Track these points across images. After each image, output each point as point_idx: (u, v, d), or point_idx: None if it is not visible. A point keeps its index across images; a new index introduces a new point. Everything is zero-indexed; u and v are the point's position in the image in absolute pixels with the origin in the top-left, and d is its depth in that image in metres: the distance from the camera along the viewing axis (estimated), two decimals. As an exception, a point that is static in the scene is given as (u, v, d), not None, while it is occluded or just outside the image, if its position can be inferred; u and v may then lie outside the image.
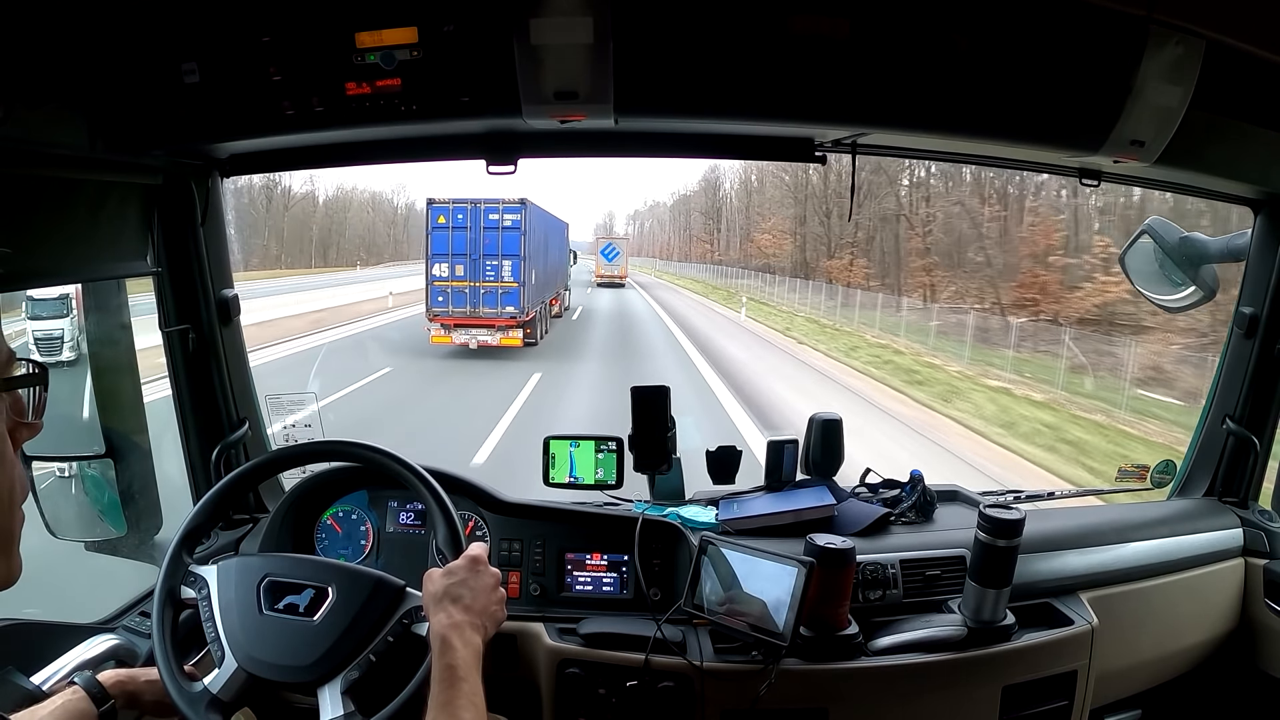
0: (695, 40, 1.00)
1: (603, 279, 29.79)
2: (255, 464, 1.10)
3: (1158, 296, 1.54)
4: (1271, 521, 1.58)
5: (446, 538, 0.99)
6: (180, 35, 1.00)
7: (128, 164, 1.14)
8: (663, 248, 71.58)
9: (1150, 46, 1.02)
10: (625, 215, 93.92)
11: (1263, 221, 1.50)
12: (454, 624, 0.85)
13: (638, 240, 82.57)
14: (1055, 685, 1.29)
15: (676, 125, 1.23)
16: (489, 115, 1.06)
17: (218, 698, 0.89)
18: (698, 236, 55.39)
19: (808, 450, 1.52)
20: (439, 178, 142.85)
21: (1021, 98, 1.06)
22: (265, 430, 1.55)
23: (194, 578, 0.98)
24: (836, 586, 1.19)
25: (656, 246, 74.77)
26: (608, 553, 1.36)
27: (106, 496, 1.32)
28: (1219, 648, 1.54)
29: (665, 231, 72.83)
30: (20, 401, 0.55)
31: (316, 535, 1.39)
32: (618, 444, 1.46)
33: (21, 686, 0.93)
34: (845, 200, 32.22)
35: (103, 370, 1.31)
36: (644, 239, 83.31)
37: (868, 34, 1.00)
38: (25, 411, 0.55)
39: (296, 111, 1.03)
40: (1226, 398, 1.61)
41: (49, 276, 1.09)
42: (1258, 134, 1.23)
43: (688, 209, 61.13)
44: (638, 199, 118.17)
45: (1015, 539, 1.19)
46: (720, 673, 1.18)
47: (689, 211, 60.50)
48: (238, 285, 1.43)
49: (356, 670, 0.89)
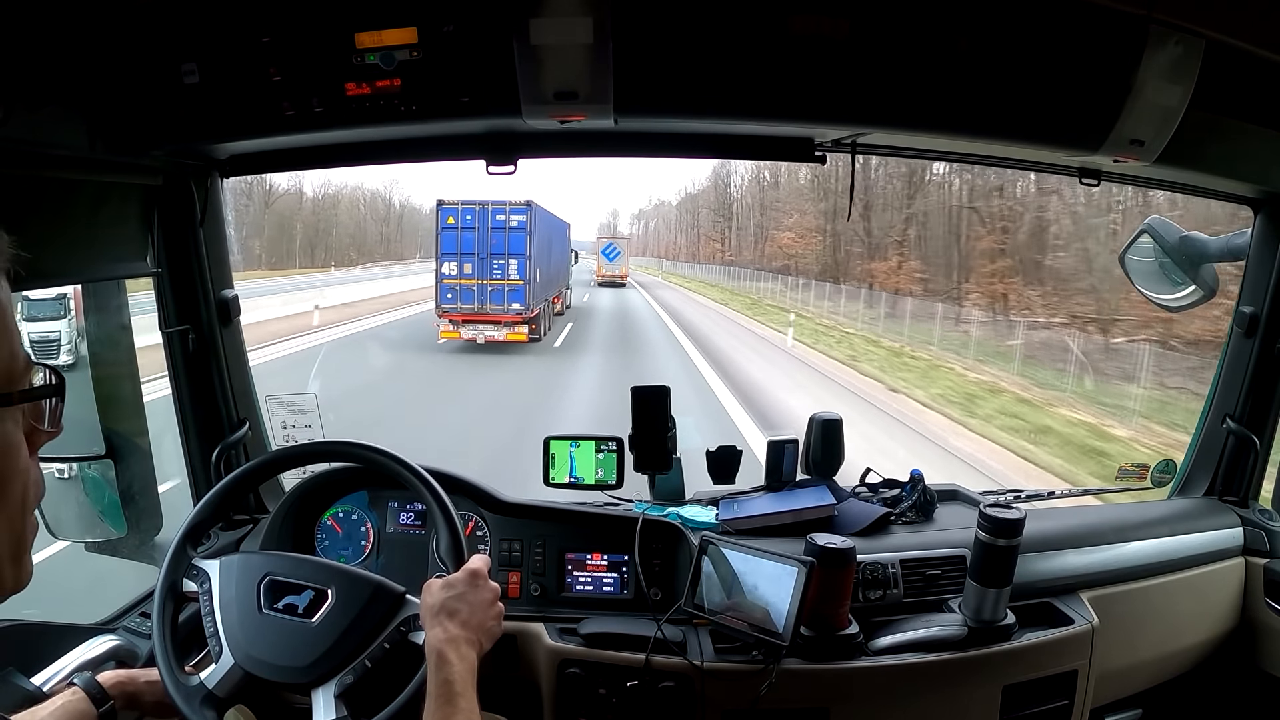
0: (695, 40, 1.01)
1: (604, 278, 31.04)
2: (257, 463, 1.10)
3: (1158, 296, 1.54)
4: (1272, 521, 1.58)
5: (449, 547, 0.98)
6: (180, 35, 1.00)
7: (128, 164, 1.14)
8: (669, 247, 69.48)
9: (1150, 46, 1.02)
10: (630, 214, 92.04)
11: (1263, 221, 1.50)
12: (450, 639, 0.84)
13: (642, 240, 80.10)
14: (1055, 685, 1.29)
15: (676, 125, 1.23)
16: (489, 115, 1.06)
17: (213, 693, 0.89)
18: (707, 235, 52.72)
19: (808, 450, 1.52)
20: (432, 174, 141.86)
21: (1021, 97, 1.06)
22: (265, 430, 1.55)
23: (196, 571, 0.98)
24: (837, 586, 1.19)
25: (662, 246, 72.60)
26: (608, 553, 1.36)
27: (106, 497, 1.32)
28: (1219, 647, 1.54)
29: (671, 231, 70.66)
30: (39, 408, 0.55)
31: (317, 535, 1.39)
32: (618, 444, 1.46)
33: (21, 687, 0.93)
34: (887, 190, 26.86)
35: (103, 371, 1.31)
36: (649, 239, 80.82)
37: (868, 34, 1.00)
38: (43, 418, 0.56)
39: (296, 112, 1.03)
40: (1226, 397, 1.61)
41: (49, 277, 1.10)
42: (1257, 134, 1.23)
43: (695, 207, 59.11)
44: (642, 198, 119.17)
45: (1015, 539, 1.19)
46: (721, 673, 1.18)
47: (696, 210, 58.34)
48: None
49: (351, 675, 0.89)
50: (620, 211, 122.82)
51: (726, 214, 48.53)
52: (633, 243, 66.66)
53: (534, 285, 11.87)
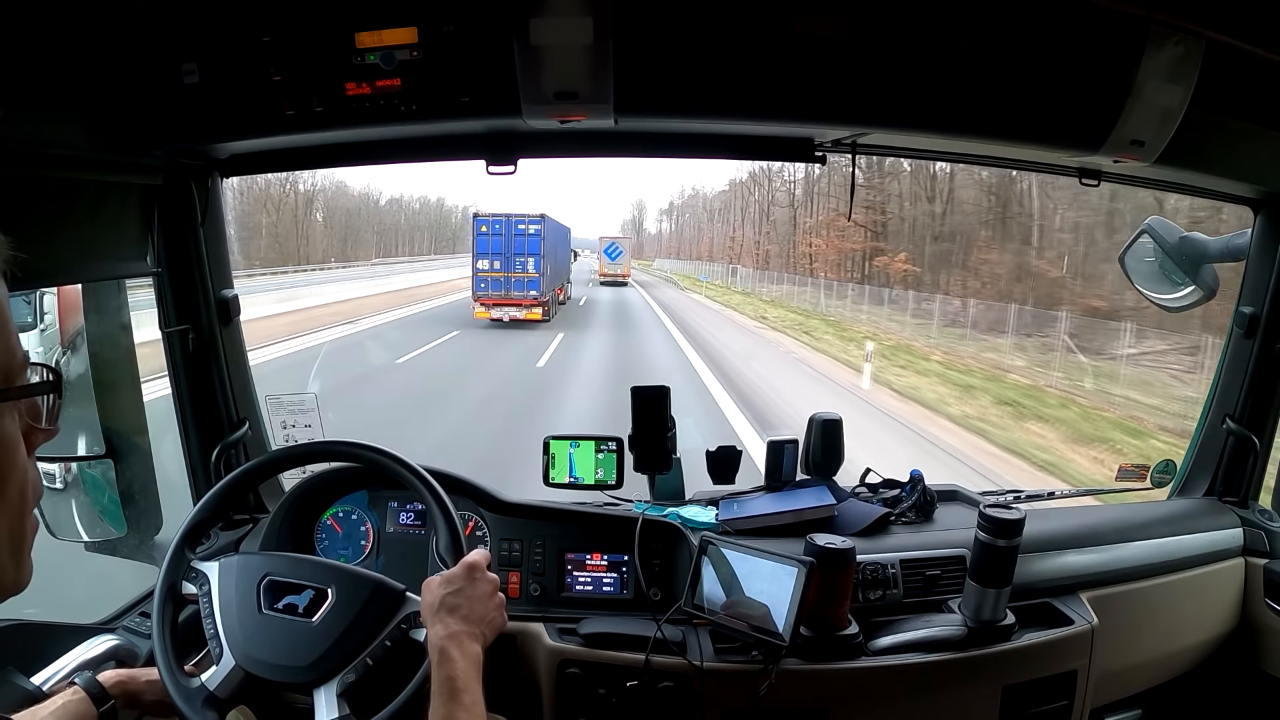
0: (695, 40, 1.01)
1: (605, 277, 31.28)
2: (257, 463, 1.10)
3: (1157, 296, 1.54)
4: (1271, 521, 1.58)
5: (448, 544, 0.99)
6: (180, 35, 1.00)
7: (128, 164, 1.14)
8: (707, 246, 56.82)
9: (1150, 46, 1.02)
10: (658, 208, 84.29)
11: (1263, 221, 1.50)
12: (451, 634, 0.85)
13: (675, 240, 69.82)
14: (1055, 685, 1.29)
15: (676, 125, 1.23)
16: (489, 115, 1.06)
17: (214, 694, 0.89)
18: (774, 236, 39.43)
19: (808, 450, 1.52)
20: (425, 169, 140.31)
21: (1021, 98, 1.06)
22: (265, 430, 1.55)
23: (195, 573, 0.98)
24: (837, 586, 1.19)
25: (703, 246, 58.20)
26: (608, 553, 1.36)
27: (106, 497, 1.32)
28: (1219, 647, 1.54)
29: (712, 227, 58.40)
30: (36, 406, 0.55)
31: (316, 535, 1.39)
32: (618, 444, 1.46)
33: (22, 687, 0.93)
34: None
35: (103, 371, 1.31)
36: (681, 239, 68.80)
37: (868, 34, 1.00)
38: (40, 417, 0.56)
39: (296, 112, 1.03)
40: (1226, 397, 1.61)
41: (49, 277, 1.10)
42: (1258, 134, 1.23)
43: (744, 198, 45.45)
44: (674, 189, 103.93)
45: (1015, 539, 1.19)
46: (720, 673, 1.18)
47: (746, 203, 44.85)
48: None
49: (353, 673, 0.89)
50: (647, 203, 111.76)
51: (805, 205, 37.11)
52: (663, 241, 61.89)
53: (545, 277, 15.61)
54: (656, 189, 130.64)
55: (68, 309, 1.31)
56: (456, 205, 77.08)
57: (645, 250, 79.13)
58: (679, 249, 67.09)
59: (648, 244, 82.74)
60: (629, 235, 37.29)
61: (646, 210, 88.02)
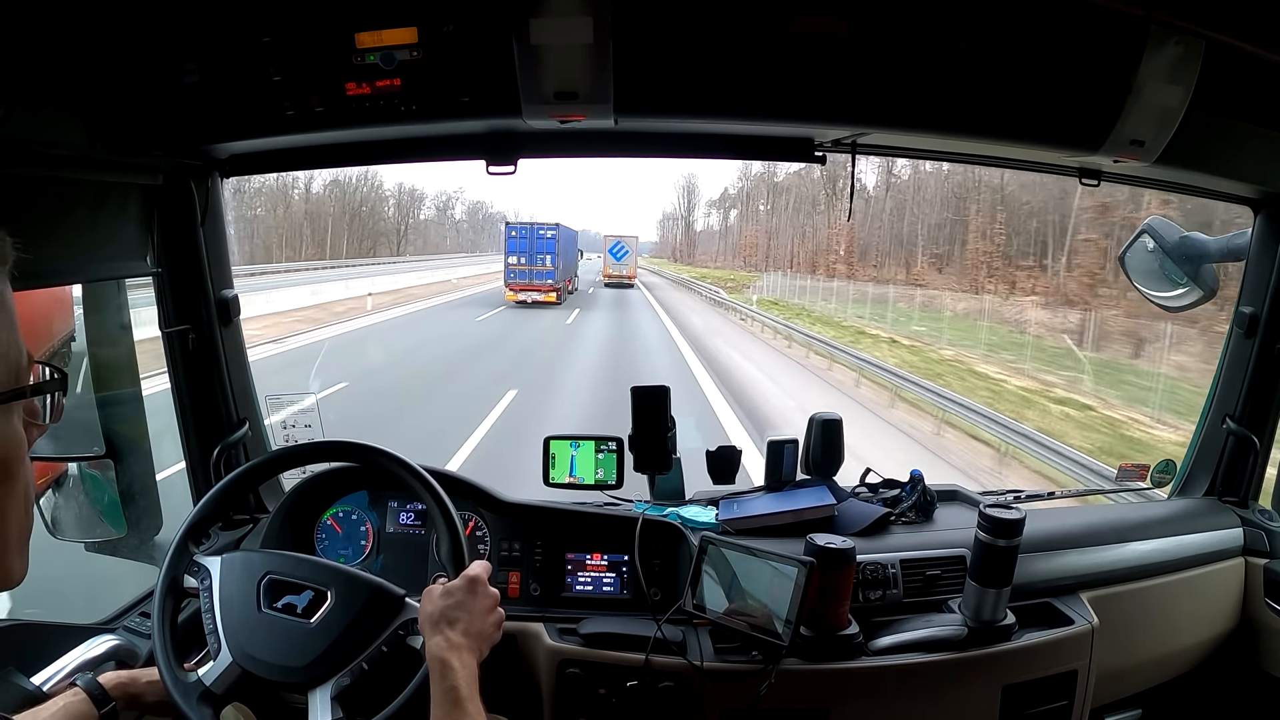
0: (695, 40, 1.00)
1: (610, 279, 30.85)
2: (257, 462, 1.10)
3: (1157, 295, 1.54)
4: (1271, 521, 1.58)
5: (449, 552, 0.98)
6: (180, 35, 1.00)
7: (128, 164, 1.14)
8: (769, 246, 43.89)
9: (1150, 46, 1.02)
10: (708, 199, 69.06)
11: (1262, 221, 1.50)
12: (452, 646, 0.85)
13: (718, 240, 55.30)
14: (1055, 685, 1.29)
15: (676, 125, 1.23)
16: (489, 115, 1.06)
17: (210, 690, 0.89)
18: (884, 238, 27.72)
19: (808, 450, 1.52)
20: (422, 167, 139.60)
21: (1021, 98, 1.06)
22: (265, 430, 1.55)
23: (198, 567, 0.98)
24: (836, 586, 1.19)
25: (763, 247, 45.07)
26: (608, 553, 1.36)
27: (106, 497, 1.32)
28: (1219, 647, 1.54)
29: (774, 221, 46.37)
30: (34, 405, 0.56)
31: (316, 535, 1.39)
32: (618, 444, 1.46)
33: (22, 687, 0.93)
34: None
35: (102, 371, 1.31)
36: (729, 235, 53.69)
37: (868, 34, 1.00)
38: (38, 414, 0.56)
39: (296, 112, 1.03)
40: (1226, 397, 1.61)
41: (49, 277, 1.09)
42: (1257, 134, 1.23)
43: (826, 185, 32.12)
44: (727, 177, 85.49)
45: (1015, 539, 1.19)
46: (720, 673, 1.18)
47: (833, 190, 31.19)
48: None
49: (348, 677, 0.89)
50: (701, 190, 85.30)
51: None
52: (714, 239, 53.51)
53: (559, 270, 21.78)
54: (709, 173, 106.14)
55: (59, 310, 1.32)
56: (482, 203, 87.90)
57: (697, 253, 65.55)
58: (720, 253, 52.84)
59: (700, 243, 68.03)
60: (646, 234, 36.41)
61: (698, 193, 66.71)
